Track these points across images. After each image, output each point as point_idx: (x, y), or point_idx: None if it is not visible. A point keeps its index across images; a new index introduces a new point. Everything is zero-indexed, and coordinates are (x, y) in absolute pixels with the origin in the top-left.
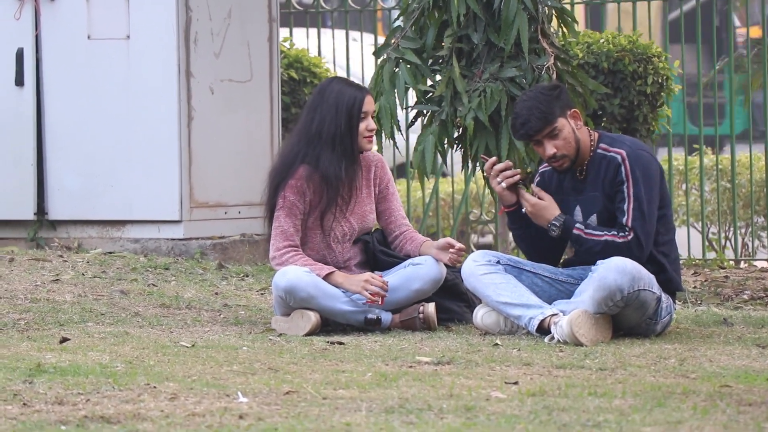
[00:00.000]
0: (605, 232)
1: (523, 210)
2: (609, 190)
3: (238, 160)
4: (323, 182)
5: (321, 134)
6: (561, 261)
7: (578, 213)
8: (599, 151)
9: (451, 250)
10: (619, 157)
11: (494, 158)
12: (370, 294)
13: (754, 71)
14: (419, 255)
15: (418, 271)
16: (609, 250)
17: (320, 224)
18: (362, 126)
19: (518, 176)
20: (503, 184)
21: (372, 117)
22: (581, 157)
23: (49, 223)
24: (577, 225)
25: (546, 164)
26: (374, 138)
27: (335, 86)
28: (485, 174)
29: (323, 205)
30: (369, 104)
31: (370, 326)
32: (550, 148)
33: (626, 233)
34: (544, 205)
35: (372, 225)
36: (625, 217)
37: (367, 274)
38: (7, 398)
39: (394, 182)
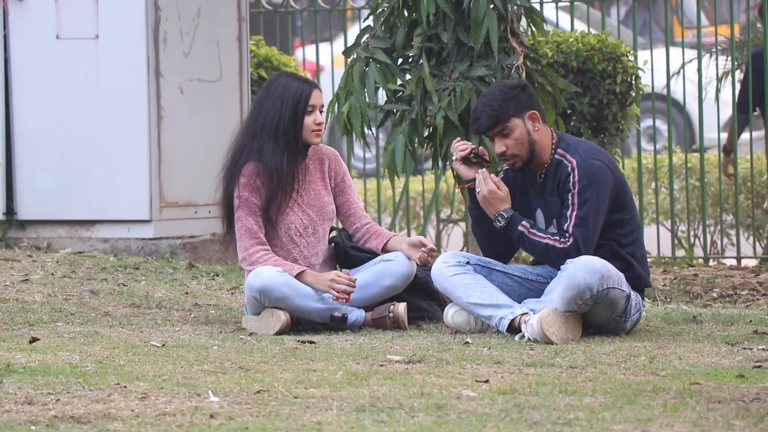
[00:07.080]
0: (548, 236)
1: (477, 191)
2: (561, 196)
3: (207, 160)
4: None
5: (264, 127)
6: (531, 260)
7: (540, 216)
8: (557, 156)
9: (422, 249)
10: (569, 165)
11: (465, 143)
12: (337, 292)
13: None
14: (387, 249)
15: (389, 268)
16: (549, 253)
17: (269, 216)
18: (309, 120)
19: (469, 149)
20: (456, 156)
21: (320, 111)
22: (539, 158)
23: (18, 223)
24: (523, 223)
25: None
26: (321, 132)
27: (282, 80)
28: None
29: (269, 197)
30: (317, 98)
31: (336, 324)
32: (499, 146)
33: (566, 239)
34: (498, 195)
35: (332, 215)
36: (567, 223)
37: (333, 273)
38: None
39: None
